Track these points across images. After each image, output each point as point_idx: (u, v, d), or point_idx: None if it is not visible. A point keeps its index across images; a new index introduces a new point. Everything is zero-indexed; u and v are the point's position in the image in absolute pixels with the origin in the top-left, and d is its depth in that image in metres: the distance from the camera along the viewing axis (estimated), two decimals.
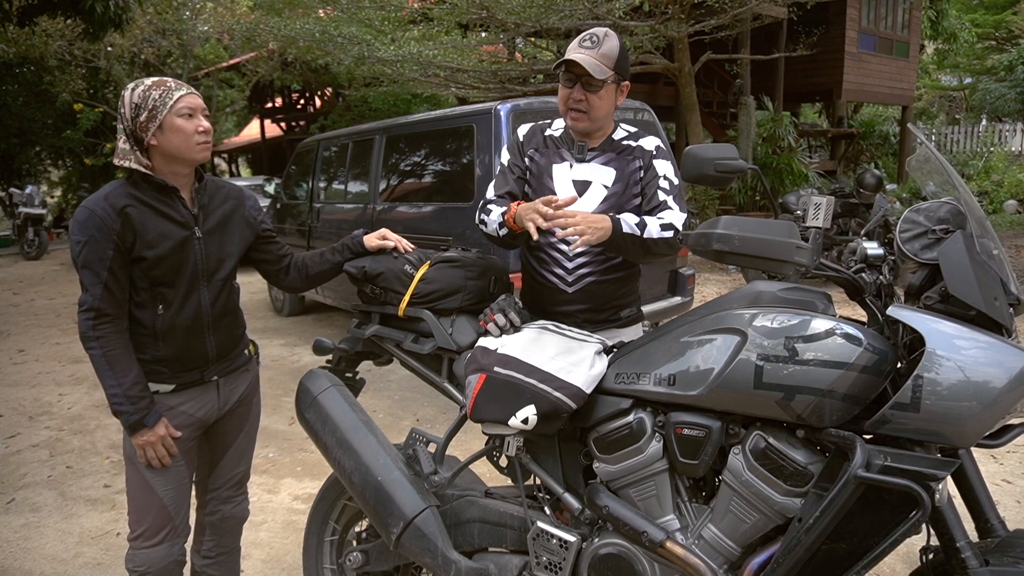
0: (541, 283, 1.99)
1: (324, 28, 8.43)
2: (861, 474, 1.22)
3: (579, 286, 1.94)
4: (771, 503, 1.40)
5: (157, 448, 1.72)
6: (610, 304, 1.98)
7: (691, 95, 9.17)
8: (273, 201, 7.50)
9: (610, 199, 1.91)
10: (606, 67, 1.82)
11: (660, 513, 1.56)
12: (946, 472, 1.22)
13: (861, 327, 1.36)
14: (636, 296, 2.08)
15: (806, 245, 1.35)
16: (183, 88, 1.70)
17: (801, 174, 9.92)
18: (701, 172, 1.44)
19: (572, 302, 1.95)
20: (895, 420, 1.27)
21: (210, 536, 2.02)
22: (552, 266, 1.96)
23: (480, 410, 1.62)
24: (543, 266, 1.98)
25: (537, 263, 2.00)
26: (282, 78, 16.04)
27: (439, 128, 4.78)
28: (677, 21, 8.01)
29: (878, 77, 13.78)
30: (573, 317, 1.90)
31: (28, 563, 2.68)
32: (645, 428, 1.56)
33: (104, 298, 1.66)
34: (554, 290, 1.96)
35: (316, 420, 1.89)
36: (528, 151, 2.03)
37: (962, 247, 1.30)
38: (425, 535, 1.69)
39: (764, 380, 1.37)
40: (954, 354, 1.24)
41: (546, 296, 1.98)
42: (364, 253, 2.01)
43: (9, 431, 4.14)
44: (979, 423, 1.23)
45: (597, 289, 1.94)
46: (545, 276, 1.98)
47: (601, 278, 1.94)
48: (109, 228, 1.64)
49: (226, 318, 1.87)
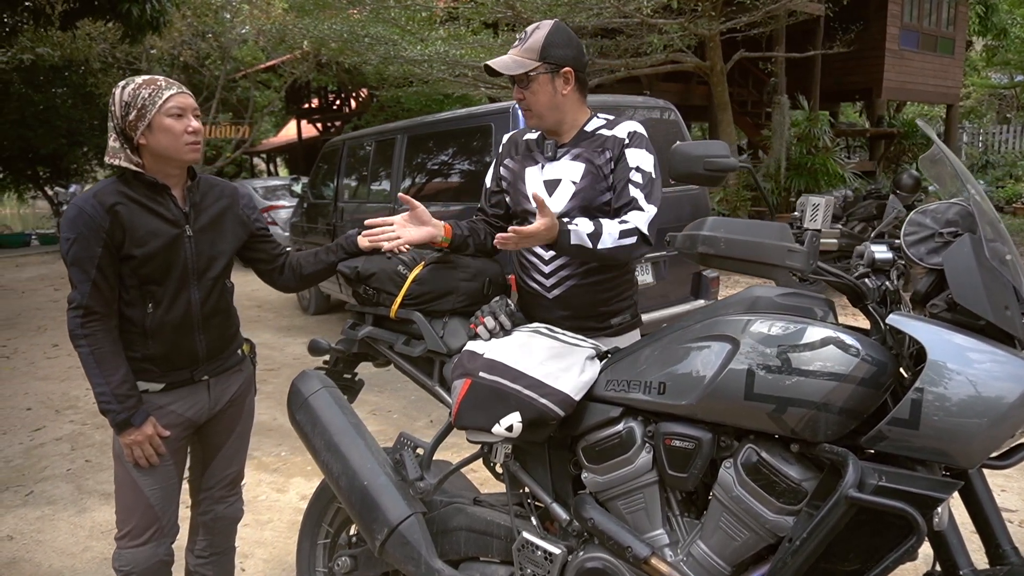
0: (525, 289, 1.94)
1: (351, 28, 8.48)
2: (851, 494, 1.14)
3: (558, 292, 1.87)
4: (762, 521, 1.32)
5: (144, 447, 1.71)
6: (595, 311, 1.89)
7: (723, 94, 8.99)
8: (300, 201, 7.57)
9: (578, 195, 1.82)
10: (528, 60, 1.77)
11: (649, 527, 1.49)
12: (946, 495, 1.13)
13: (860, 336, 1.28)
14: (631, 303, 1.98)
15: (800, 248, 1.27)
16: (173, 87, 1.69)
17: (837, 175, 9.64)
18: (690, 171, 1.37)
19: (553, 308, 1.88)
20: (893, 436, 1.18)
21: (203, 536, 2.01)
22: (531, 271, 1.91)
23: (463, 417, 1.58)
24: (524, 272, 1.93)
25: (520, 269, 1.95)
26: (318, 79, 16.25)
27: (458, 127, 4.75)
28: (708, 19, 7.86)
29: (921, 75, 13.35)
30: (558, 325, 1.84)
31: (39, 555, 2.72)
32: (635, 438, 1.49)
33: (92, 296, 1.65)
34: (536, 296, 1.91)
35: (306, 422, 1.86)
36: (504, 160, 1.99)
37: (969, 251, 1.21)
38: (409, 542, 1.65)
39: (755, 391, 1.29)
40: (958, 367, 1.15)
41: (531, 302, 1.93)
42: (358, 253, 1.98)
43: (35, 424, 4.23)
44: (985, 441, 1.14)
45: (578, 294, 1.86)
46: (527, 282, 1.93)
47: (581, 282, 1.85)
48: (98, 226, 1.63)
49: (217, 317, 1.85)
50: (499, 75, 1.83)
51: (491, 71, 1.82)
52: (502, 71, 1.78)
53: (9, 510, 3.12)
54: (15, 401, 4.71)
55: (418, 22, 8.44)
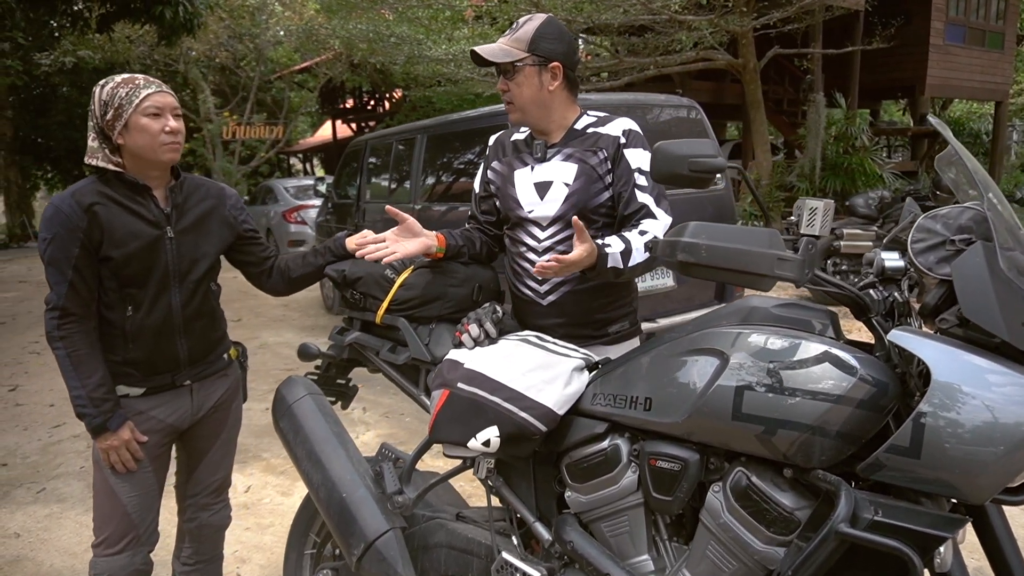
0: (518, 296, 1.86)
1: (376, 28, 8.49)
2: (842, 529, 1.03)
3: (553, 298, 1.78)
4: (751, 551, 1.22)
5: (121, 452, 1.68)
6: (592, 318, 1.80)
7: (756, 92, 8.77)
8: (325, 200, 7.61)
9: (571, 198, 1.73)
10: (516, 50, 1.68)
11: (633, 552, 1.40)
12: (949, 534, 1.01)
13: (860, 354, 1.16)
14: (630, 309, 1.88)
15: (793, 256, 1.16)
16: (152, 86, 1.65)
17: (875, 175, 9.32)
18: (673, 171, 1.27)
19: (547, 315, 1.79)
20: (892, 466, 1.07)
21: (189, 543, 1.98)
22: (524, 278, 1.82)
23: (439, 430, 1.50)
24: (517, 278, 1.85)
25: (512, 275, 1.87)
26: (351, 80, 16.41)
27: (477, 127, 4.69)
28: (739, 15, 7.65)
29: (967, 71, 12.86)
30: (552, 332, 1.75)
31: (42, 554, 2.73)
32: (620, 456, 1.40)
33: (69, 297, 1.62)
34: (530, 303, 1.82)
35: (289, 430, 1.81)
36: (491, 164, 1.90)
37: (982, 261, 1.08)
38: (385, 559, 1.58)
39: (743, 410, 1.19)
40: (968, 389, 1.03)
41: (525, 309, 1.84)
42: (347, 256, 1.92)
43: (56, 421, 4.29)
44: (997, 474, 1.02)
45: (574, 300, 1.77)
46: (520, 289, 1.84)
47: (577, 287, 1.76)
48: (75, 225, 1.60)
49: (200, 321, 1.81)
50: (487, 64, 1.75)
51: (478, 58, 1.75)
52: (488, 57, 1.71)
53: (20, 507, 3.15)
54: (40, 397, 4.79)
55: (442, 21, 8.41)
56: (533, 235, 1.79)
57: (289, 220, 10.07)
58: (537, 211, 1.77)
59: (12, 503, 3.19)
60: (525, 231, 1.80)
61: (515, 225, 1.83)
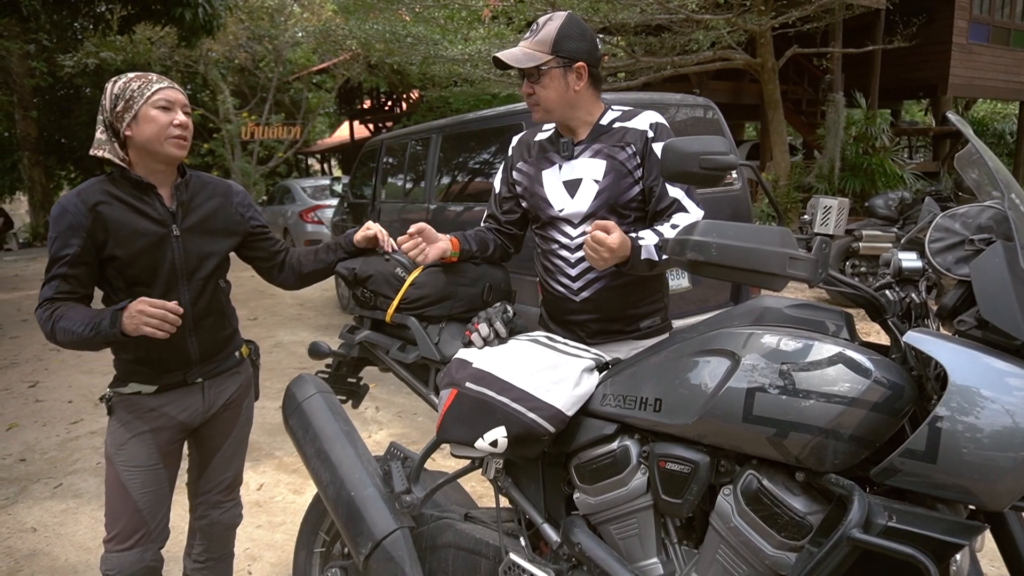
0: (551, 292, 1.85)
1: (393, 29, 8.52)
2: (854, 535, 1.00)
3: (587, 294, 1.78)
4: (761, 556, 1.19)
5: (145, 319, 1.53)
6: (624, 313, 1.79)
7: (774, 92, 8.69)
8: (341, 200, 7.64)
9: (603, 194, 1.72)
10: (539, 53, 1.67)
11: (642, 555, 1.38)
12: (965, 541, 0.99)
13: (874, 356, 1.13)
14: (661, 305, 1.87)
15: (805, 256, 1.13)
16: (164, 82, 1.67)
17: (895, 175, 9.19)
18: (684, 169, 1.25)
19: (581, 311, 1.79)
20: (906, 470, 1.04)
21: (200, 541, 1.98)
22: (557, 275, 1.82)
23: (446, 430, 1.49)
24: (549, 275, 1.84)
25: (545, 272, 1.87)
26: (369, 80, 16.49)
27: (492, 126, 4.68)
28: (757, 13, 7.58)
29: (991, 70, 12.65)
30: (585, 327, 1.75)
31: (58, 548, 2.77)
32: (630, 458, 1.38)
33: (62, 292, 1.63)
34: (563, 299, 1.82)
35: (298, 427, 1.81)
36: (516, 164, 1.89)
37: (1001, 261, 1.05)
38: (393, 558, 1.57)
39: (754, 412, 1.17)
40: (986, 392, 1.00)
41: (557, 306, 1.84)
42: (358, 252, 1.93)
43: (74, 417, 4.35)
44: (1015, 480, 0.98)
45: (608, 296, 1.77)
46: (552, 286, 1.84)
47: (611, 283, 1.76)
48: (79, 224, 1.62)
49: (210, 318, 1.81)
50: (509, 68, 1.73)
51: (500, 64, 1.73)
52: (511, 63, 1.69)
53: (37, 502, 3.18)
54: (59, 393, 4.85)
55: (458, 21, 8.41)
56: (565, 233, 1.79)
57: (306, 220, 10.15)
58: (568, 209, 1.76)
59: (29, 498, 3.23)
60: (556, 229, 1.80)
61: (545, 224, 1.83)
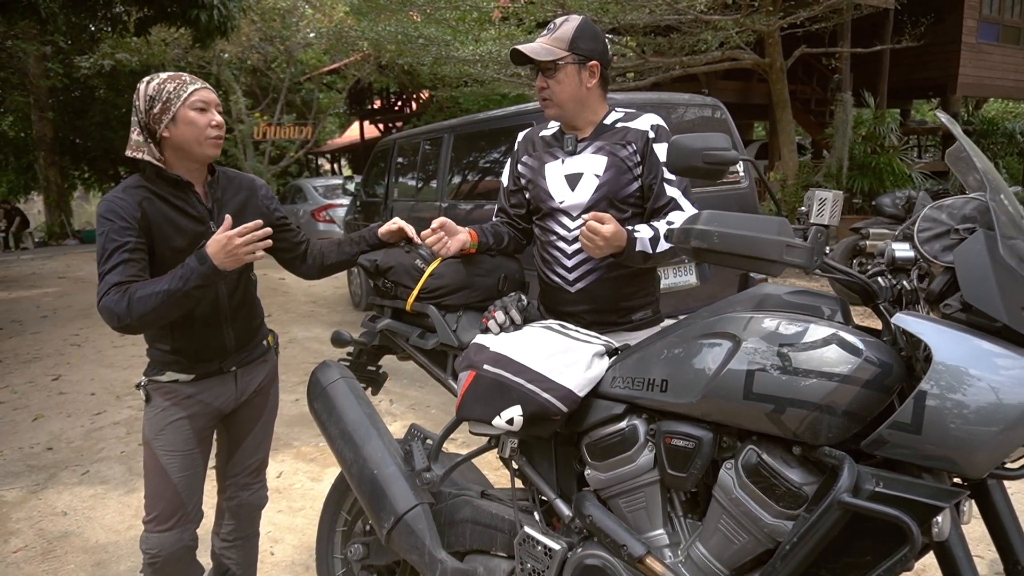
0: (547, 283, 1.94)
1: (404, 30, 8.64)
2: (844, 499, 1.09)
3: (581, 285, 1.87)
4: (761, 525, 1.28)
5: (235, 245, 1.58)
6: (617, 305, 1.89)
7: (782, 91, 8.74)
8: (353, 199, 7.75)
9: (602, 188, 1.82)
10: (557, 49, 1.77)
11: (649, 527, 1.47)
12: (945, 504, 1.07)
13: (865, 337, 1.22)
14: (653, 299, 1.96)
15: (801, 244, 1.22)
16: (197, 82, 1.75)
17: (903, 175, 9.23)
18: (688, 164, 1.34)
19: (576, 302, 1.88)
20: (894, 441, 1.13)
21: (228, 520, 2.08)
22: (554, 265, 1.91)
23: (465, 408, 1.59)
24: (546, 266, 1.93)
25: (542, 263, 1.95)
26: (379, 81, 16.62)
27: (503, 126, 4.76)
28: (766, 14, 7.64)
29: (1001, 69, 12.64)
30: (579, 318, 1.83)
31: (88, 530, 2.88)
32: (637, 436, 1.47)
33: (130, 275, 1.62)
34: (558, 290, 1.91)
35: (323, 411, 1.91)
36: (521, 158, 1.99)
37: (983, 248, 1.14)
38: (414, 532, 1.67)
39: (754, 390, 1.26)
40: (967, 369, 1.09)
41: (553, 296, 1.93)
42: (381, 245, 2.02)
43: (97, 408, 4.47)
44: (992, 450, 1.07)
45: (601, 288, 1.86)
46: (549, 276, 1.93)
47: (605, 276, 1.85)
48: (131, 216, 1.66)
49: (244, 310, 1.91)
50: (526, 62, 1.82)
51: (519, 56, 1.82)
52: (532, 56, 1.78)
53: (67, 488, 3.31)
54: (81, 386, 4.98)
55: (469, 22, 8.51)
56: (564, 224, 1.88)
57: (318, 218, 10.27)
58: (568, 201, 1.85)
59: (59, 484, 3.35)
60: (556, 221, 1.89)
61: (546, 215, 1.92)
